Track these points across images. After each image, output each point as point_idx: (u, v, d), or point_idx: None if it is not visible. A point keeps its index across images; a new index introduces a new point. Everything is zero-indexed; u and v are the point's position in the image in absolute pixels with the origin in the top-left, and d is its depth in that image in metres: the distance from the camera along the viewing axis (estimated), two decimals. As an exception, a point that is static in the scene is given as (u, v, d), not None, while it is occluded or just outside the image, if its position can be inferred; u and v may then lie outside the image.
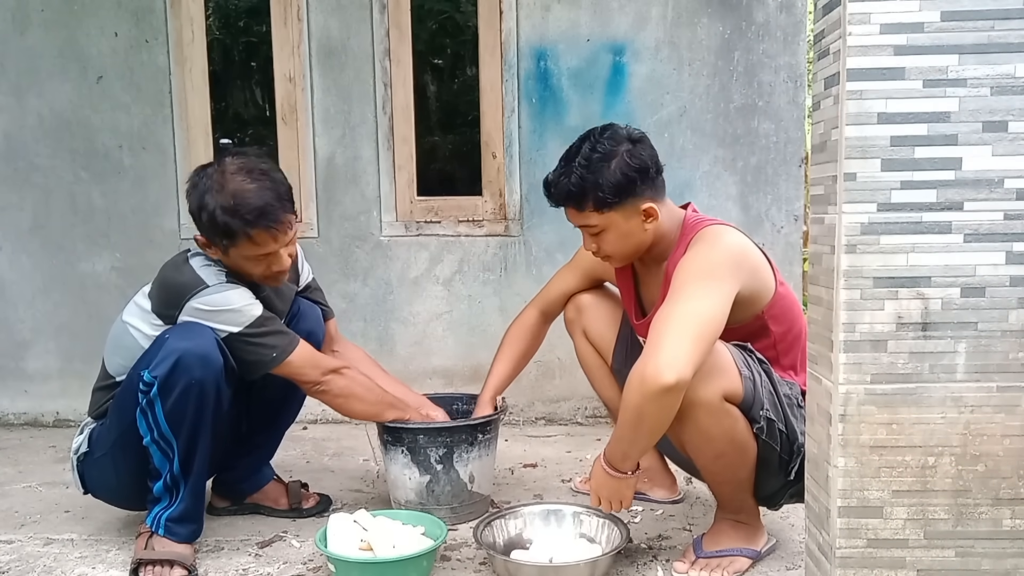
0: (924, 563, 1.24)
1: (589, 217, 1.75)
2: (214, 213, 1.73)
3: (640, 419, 1.57)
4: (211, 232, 1.78)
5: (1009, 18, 1.14)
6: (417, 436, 2.02)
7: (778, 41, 2.93)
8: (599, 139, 1.74)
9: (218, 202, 1.73)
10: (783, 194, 2.98)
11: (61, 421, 3.14)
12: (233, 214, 1.72)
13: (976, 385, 1.21)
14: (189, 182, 1.81)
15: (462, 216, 3.10)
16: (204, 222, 1.77)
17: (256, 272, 1.84)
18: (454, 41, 4.03)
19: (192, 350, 1.73)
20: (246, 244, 1.77)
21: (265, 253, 1.79)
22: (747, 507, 1.82)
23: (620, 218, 1.75)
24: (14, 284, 3.15)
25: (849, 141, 1.18)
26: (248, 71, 3.99)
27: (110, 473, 1.90)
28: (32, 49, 3.04)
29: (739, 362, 1.67)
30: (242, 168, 1.77)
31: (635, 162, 1.72)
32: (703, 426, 1.65)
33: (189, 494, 1.82)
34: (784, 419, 1.70)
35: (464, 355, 3.10)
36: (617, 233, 1.77)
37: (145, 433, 1.76)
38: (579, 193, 1.73)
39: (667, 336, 1.53)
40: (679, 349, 1.51)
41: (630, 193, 1.72)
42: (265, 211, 1.74)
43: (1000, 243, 1.18)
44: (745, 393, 1.65)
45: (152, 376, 1.73)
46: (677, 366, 1.50)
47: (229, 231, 1.74)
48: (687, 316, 1.55)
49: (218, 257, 1.84)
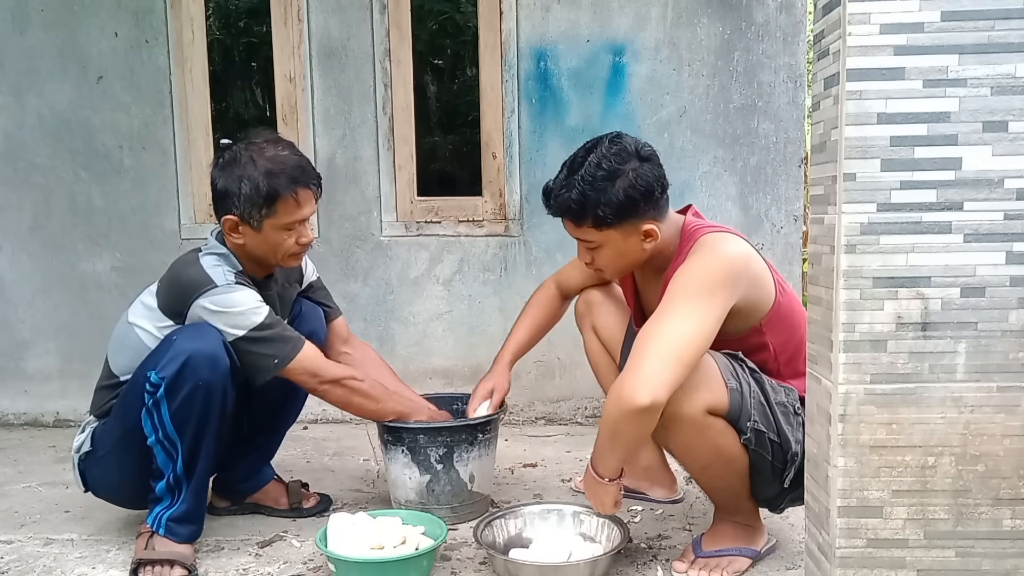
0: (924, 563, 1.24)
1: (586, 232, 1.72)
2: (257, 180, 1.79)
3: (615, 435, 1.59)
4: (251, 203, 1.80)
5: (1009, 18, 1.14)
6: (417, 436, 2.02)
7: (778, 41, 2.93)
8: (606, 154, 1.66)
9: (260, 169, 1.80)
10: (783, 194, 2.98)
11: (61, 421, 3.14)
12: (277, 175, 1.80)
13: (976, 385, 1.21)
14: (217, 165, 1.85)
15: (462, 216, 3.10)
16: (245, 193, 1.80)
17: (285, 245, 1.86)
18: (454, 41, 4.03)
19: (200, 351, 1.73)
20: (287, 206, 1.81)
21: (300, 219, 1.84)
22: (745, 509, 1.82)
23: (619, 237, 1.71)
24: (14, 284, 3.15)
25: (849, 141, 1.18)
26: (248, 71, 3.99)
27: (112, 472, 1.90)
28: (32, 49, 3.04)
29: (726, 373, 1.65)
30: (271, 141, 1.87)
31: (641, 183, 1.66)
32: (686, 439, 1.65)
33: (191, 495, 1.82)
34: (776, 428, 1.68)
35: (464, 355, 3.10)
36: (613, 251, 1.74)
37: (150, 433, 1.77)
38: (579, 210, 1.68)
39: (647, 356, 1.53)
40: (656, 371, 1.51)
41: (632, 215, 1.68)
42: (306, 169, 1.85)
43: (1000, 243, 1.18)
44: (731, 405, 1.63)
45: (159, 377, 1.73)
46: (652, 388, 1.50)
47: (273, 194, 1.79)
48: (670, 336, 1.54)
49: (242, 242, 1.85)
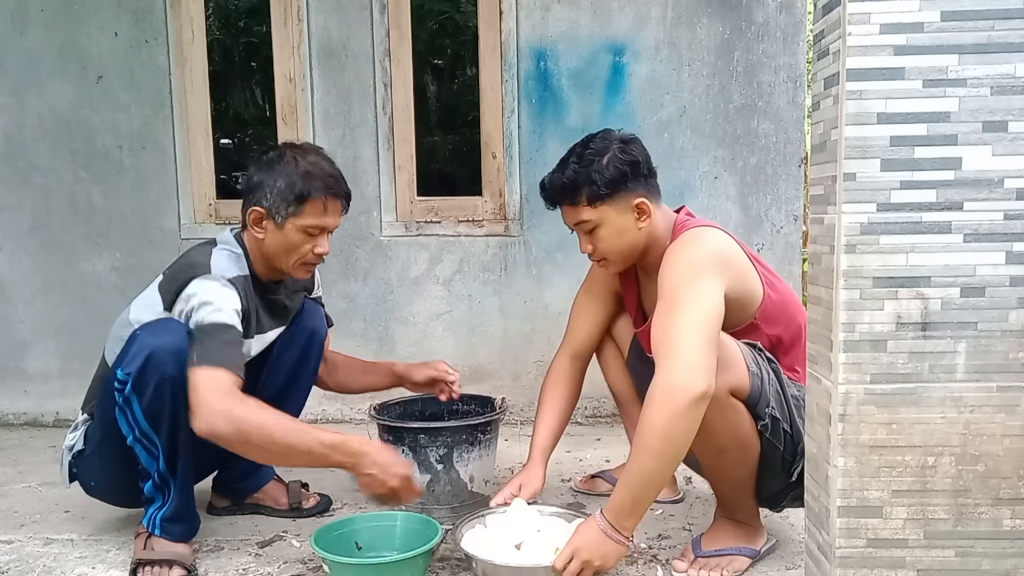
0: (924, 563, 1.24)
1: (582, 212, 1.77)
2: (293, 177, 1.82)
3: (668, 439, 1.50)
4: (282, 198, 1.82)
5: (1009, 18, 1.14)
6: (418, 436, 2.02)
7: (778, 41, 2.93)
8: (592, 139, 1.81)
9: (299, 169, 1.83)
10: (783, 194, 2.98)
11: (61, 421, 3.15)
12: (313, 178, 1.83)
13: (976, 385, 1.21)
14: (259, 161, 1.89)
15: (462, 216, 3.10)
16: (279, 187, 1.82)
17: (301, 250, 1.86)
18: (454, 41, 4.04)
19: (163, 346, 1.69)
20: (315, 209, 1.83)
21: (322, 227, 1.86)
22: (746, 507, 1.82)
23: (613, 213, 1.76)
24: (14, 284, 3.15)
25: (849, 141, 1.18)
26: (248, 71, 4.00)
27: (99, 471, 1.90)
28: (32, 49, 3.04)
29: (747, 358, 1.66)
30: (314, 150, 1.93)
31: (626, 156, 1.77)
32: (707, 419, 1.62)
33: (178, 492, 1.81)
34: (790, 419, 1.70)
35: (464, 355, 3.10)
36: (611, 229, 1.78)
37: (128, 432, 1.76)
38: (572, 187, 1.76)
39: (680, 347, 1.52)
40: (697, 357, 1.51)
41: (622, 186, 1.76)
42: (340, 181, 1.90)
43: (1000, 243, 1.18)
44: (752, 389, 1.65)
45: (126, 373, 1.71)
46: (703, 373, 1.50)
47: (304, 194, 1.82)
48: (690, 323, 1.54)
49: (263, 237, 1.86)
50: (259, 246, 1.88)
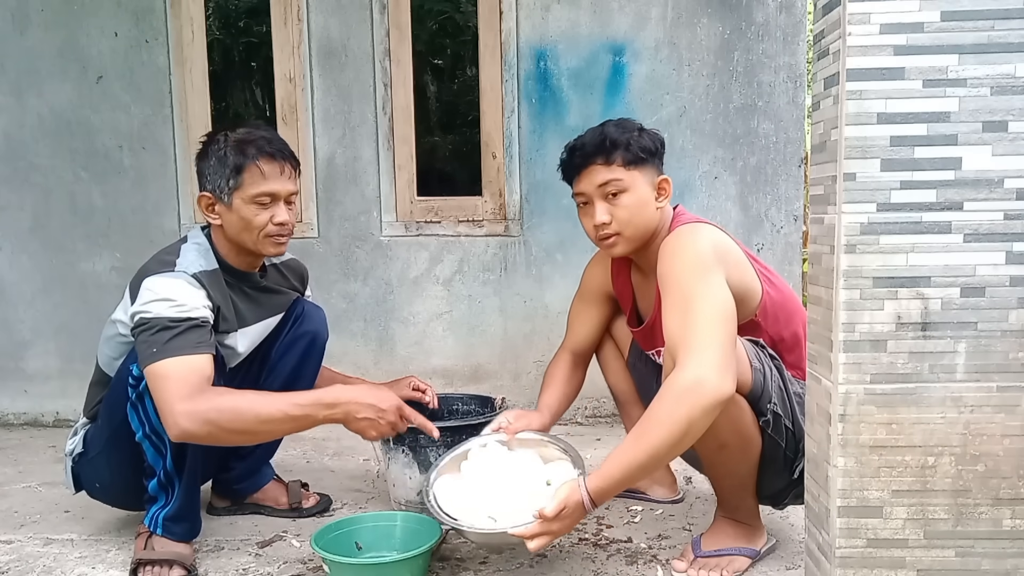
0: (924, 563, 1.24)
1: (616, 171, 1.76)
2: (222, 151, 1.79)
3: (686, 432, 1.50)
4: (218, 175, 1.79)
5: (1009, 18, 1.14)
6: (418, 436, 2.02)
7: (778, 41, 2.93)
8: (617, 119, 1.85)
9: (228, 143, 1.80)
10: (783, 194, 2.98)
11: (61, 421, 3.15)
12: (243, 145, 1.79)
13: (976, 385, 1.21)
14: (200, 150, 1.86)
15: (462, 216, 3.10)
16: (213, 164, 1.80)
17: (257, 222, 1.80)
18: (454, 41, 4.04)
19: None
20: (252, 176, 1.78)
21: (268, 192, 1.80)
22: (746, 506, 1.82)
23: (642, 180, 1.78)
24: (14, 284, 3.15)
25: (849, 141, 1.18)
26: (248, 71, 4.00)
27: (104, 472, 1.90)
28: (32, 49, 3.04)
29: (750, 354, 1.67)
30: (250, 124, 1.89)
31: (655, 134, 1.83)
32: None
33: (183, 491, 1.81)
34: (792, 416, 1.70)
35: (464, 355, 3.10)
36: (635, 197, 1.77)
37: (137, 428, 1.76)
38: (611, 145, 1.76)
39: (706, 341, 1.52)
40: (724, 356, 1.51)
41: (654, 158, 1.80)
42: (272, 140, 1.83)
43: (1000, 243, 1.18)
44: (754, 384, 1.65)
45: (140, 370, 1.71)
46: (730, 374, 1.51)
47: (239, 164, 1.78)
48: (711, 317, 1.54)
49: (220, 222, 1.84)
50: (222, 234, 1.87)
